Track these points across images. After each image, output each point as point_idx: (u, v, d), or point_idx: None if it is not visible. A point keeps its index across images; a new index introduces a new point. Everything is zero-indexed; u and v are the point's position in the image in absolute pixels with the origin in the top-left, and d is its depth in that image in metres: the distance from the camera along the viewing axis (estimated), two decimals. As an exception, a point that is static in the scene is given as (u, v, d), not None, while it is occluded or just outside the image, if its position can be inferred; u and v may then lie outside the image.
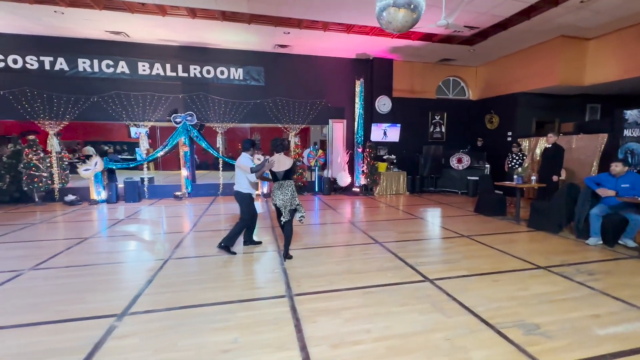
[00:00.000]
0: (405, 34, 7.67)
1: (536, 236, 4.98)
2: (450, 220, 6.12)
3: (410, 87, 9.92)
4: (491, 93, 9.81)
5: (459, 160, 9.38)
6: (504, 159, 7.96)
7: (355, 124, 9.45)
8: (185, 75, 8.38)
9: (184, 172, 8.60)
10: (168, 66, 8.25)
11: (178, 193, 8.48)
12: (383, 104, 9.47)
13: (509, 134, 9.15)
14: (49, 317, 2.55)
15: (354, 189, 9.49)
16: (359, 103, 9.29)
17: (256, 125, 9.37)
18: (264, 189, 8.89)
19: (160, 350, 2.13)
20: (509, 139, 9.06)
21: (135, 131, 8.33)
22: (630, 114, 6.31)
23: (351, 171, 9.66)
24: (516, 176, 6.08)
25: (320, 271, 3.52)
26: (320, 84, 9.30)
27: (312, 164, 9.26)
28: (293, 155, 9.07)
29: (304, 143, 11.48)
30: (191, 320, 2.51)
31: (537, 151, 8.02)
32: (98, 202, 7.79)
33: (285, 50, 8.77)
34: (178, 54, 8.33)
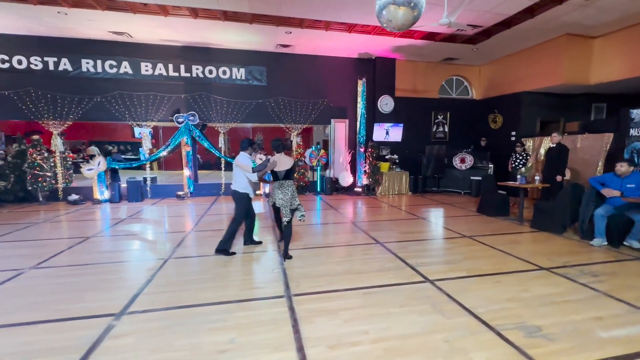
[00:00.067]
0: (408, 33, 7.62)
1: (539, 237, 4.92)
2: (452, 220, 6.07)
3: (413, 87, 9.86)
4: (495, 92, 9.72)
5: (462, 160, 9.31)
6: (508, 159, 7.89)
7: (358, 123, 9.41)
8: (188, 75, 8.40)
9: (187, 172, 8.63)
10: (170, 66, 8.29)
11: (180, 193, 8.51)
12: (385, 104, 9.43)
13: (513, 133, 9.06)
14: (48, 316, 2.56)
15: (356, 189, 9.46)
16: (361, 103, 9.25)
17: (258, 125, 9.38)
18: (265, 188, 8.89)
19: (156, 350, 2.13)
20: (512, 138, 8.97)
21: (138, 131, 8.36)
22: (636, 113, 6.21)
23: (353, 171, 9.62)
24: (519, 176, 6.04)
25: (320, 271, 3.50)
26: (322, 84, 9.28)
27: (314, 163, 9.24)
28: (295, 155, 9.06)
29: (306, 143, 11.46)
30: (189, 320, 2.50)
31: (542, 151, 7.94)
32: (101, 202, 7.84)
33: (287, 50, 8.76)
34: (180, 54, 8.36)
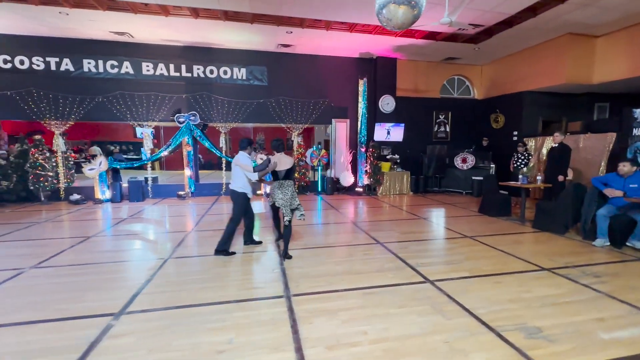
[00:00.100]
0: (409, 33, 7.60)
1: (541, 237, 4.89)
2: (453, 220, 6.04)
3: (414, 86, 9.83)
4: (497, 92, 9.68)
5: (464, 160, 9.28)
6: (510, 159, 7.85)
7: (359, 123, 9.40)
8: (189, 75, 8.42)
9: (187, 172, 8.65)
10: (172, 66, 8.30)
11: (181, 192, 8.52)
12: (387, 104, 9.40)
13: (515, 133, 9.02)
14: (47, 316, 2.56)
15: (357, 189, 9.44)
16: (362, 102, 9.24)
17: (259, 125, 9.38)
18: (266, 188, 8.89)
19: (154, 350, 2.12)
20: (514, 138, 8.93)
21: (140, 131, 8.38)
22: (639, 112, 6.17)
23: (354, 171, 9.60)
24: (521, 176, 6.00)
25: (320, 271, 3.49)
26: (323, 84, 9.26)
27: (315, 163, 9.23)
28: (296, 155, 9.06)
29: (307, 143, 11.45)
30: (188, 319, 2.50)
31: (544, 151, 7.89)
32: (102, 202, 7.86)
33: (288, 50, 8.75)
34: (181, 54, 8.37)
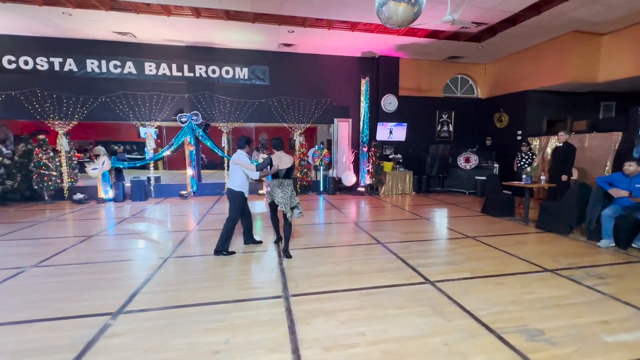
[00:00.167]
0: (411, 32, 7.55)
1: (545, 238, 4.83)
2: (456, 220, 5.99)
3: (417, 86, 9.77)
4: (500, 91, 9.59)
5: (467, 160, 9.20)
6: (513, 159, 7.77)
7: (361, 123, 9.36)
8: (191, 75, 8.44)
9: (190, 172, 8.67)
10: (174, 66, 8.33)
11: (183, 192, 8.54)
12: (389, 103, 9.35)
13: (519, 132, 8.92)
14: (46, 315, 2.56)
15: (359, 189, 9.40)
16: (364, 102, 9.20)
17: (261, 124, 9.38)
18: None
19: (151, 349, 2.12)
20: (518, 137, 8.83)
21: (144, 131, 8.41)
22: (646, 111, 6.08)
23: (356, 171, 9.57)
24: (525, 176, 5.93)
25: (319, 272, 3.47)
26: (325, 83, 9.24)
27: (317, 163, 9.21)
28: (298, 154, 9.04)
29: (310, 142, 11.41)
30: (185, 319, 2.49)
31: (548, 150, 7.80)
32: (105, 201, 7.90)
33: (290, 49, 8.74)
34: (184, 54, 8.39)
